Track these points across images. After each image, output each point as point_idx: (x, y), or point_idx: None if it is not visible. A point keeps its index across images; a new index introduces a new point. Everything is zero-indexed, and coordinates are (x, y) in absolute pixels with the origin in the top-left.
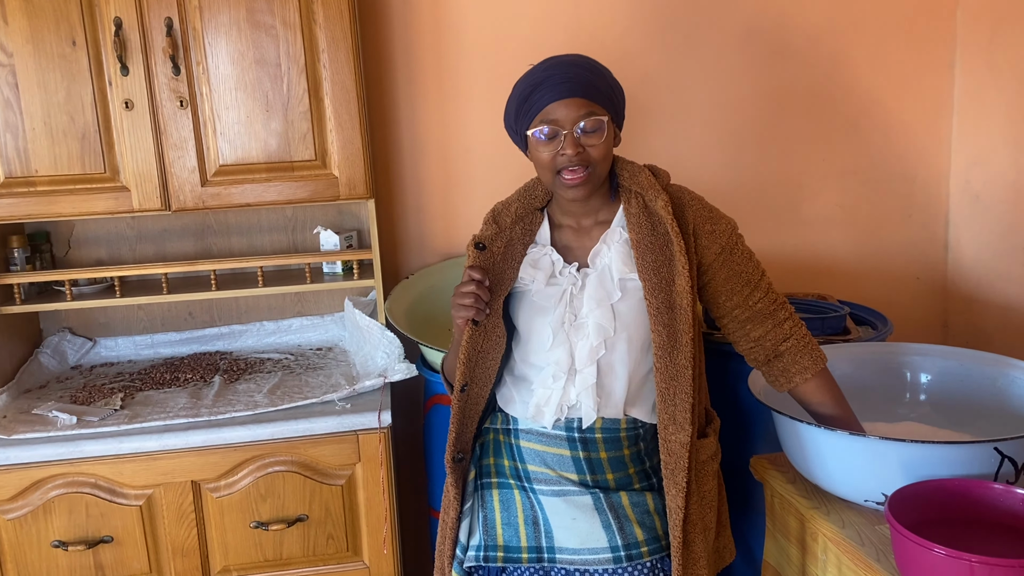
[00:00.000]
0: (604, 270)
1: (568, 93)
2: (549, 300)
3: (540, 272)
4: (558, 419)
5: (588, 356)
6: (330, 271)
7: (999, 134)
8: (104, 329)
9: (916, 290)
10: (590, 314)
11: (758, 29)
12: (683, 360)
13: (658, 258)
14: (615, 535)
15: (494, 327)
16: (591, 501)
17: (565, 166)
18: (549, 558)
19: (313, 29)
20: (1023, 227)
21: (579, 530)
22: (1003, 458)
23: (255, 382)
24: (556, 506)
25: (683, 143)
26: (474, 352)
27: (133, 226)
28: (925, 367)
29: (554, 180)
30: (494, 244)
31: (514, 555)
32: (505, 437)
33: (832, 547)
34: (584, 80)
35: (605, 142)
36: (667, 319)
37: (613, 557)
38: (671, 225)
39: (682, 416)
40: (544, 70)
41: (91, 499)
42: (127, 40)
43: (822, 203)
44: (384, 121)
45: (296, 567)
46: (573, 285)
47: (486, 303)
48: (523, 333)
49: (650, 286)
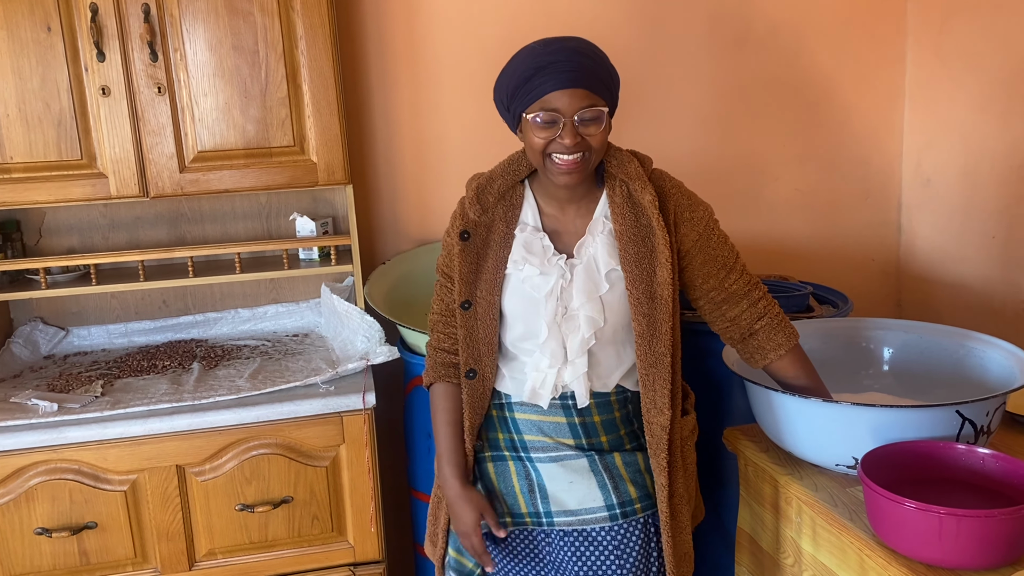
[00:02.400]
0: (590, 261)
1: (571, 83)
2: (540, 291)
3: (534, 257)
4: (553, 397)
5: (580, 347)
6: (306, 257)
7: (948, 121)
8: (77, 318)
9: (871, 271)
10: (581, 308)
11: (722, 18)
12: (662, 348)
13: (640, 249)
14: (610, 494)
15: (487, 310)
16: (587, 464)
17: (558, 151)
18: (548, 521)
19: (291, 16)
20: (972, 210)
21: (577, 492)
22: (964, 420)
23: (235, 368)
24: (553, 471)
25: (649, 129)
26: (471, 337)
27: (106, 214)
28: (887, 340)
29: (545, 164)
30: (478, 229)
31: (519, 520)
32: (499, 412)
33: (807, 509)
34: (587, 69)
35: (603, 132)
36: (647, 309)
37: (609, 515)
38: (656, 219)
39: (661, 401)
40: (549, 54)
41: (74, 485)
42: (103, 26)
43: (782, 187)
44: (358, 108)
45: (282, 548)
46: (563, 278)
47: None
48: (511, 318)
49: (632, 277)
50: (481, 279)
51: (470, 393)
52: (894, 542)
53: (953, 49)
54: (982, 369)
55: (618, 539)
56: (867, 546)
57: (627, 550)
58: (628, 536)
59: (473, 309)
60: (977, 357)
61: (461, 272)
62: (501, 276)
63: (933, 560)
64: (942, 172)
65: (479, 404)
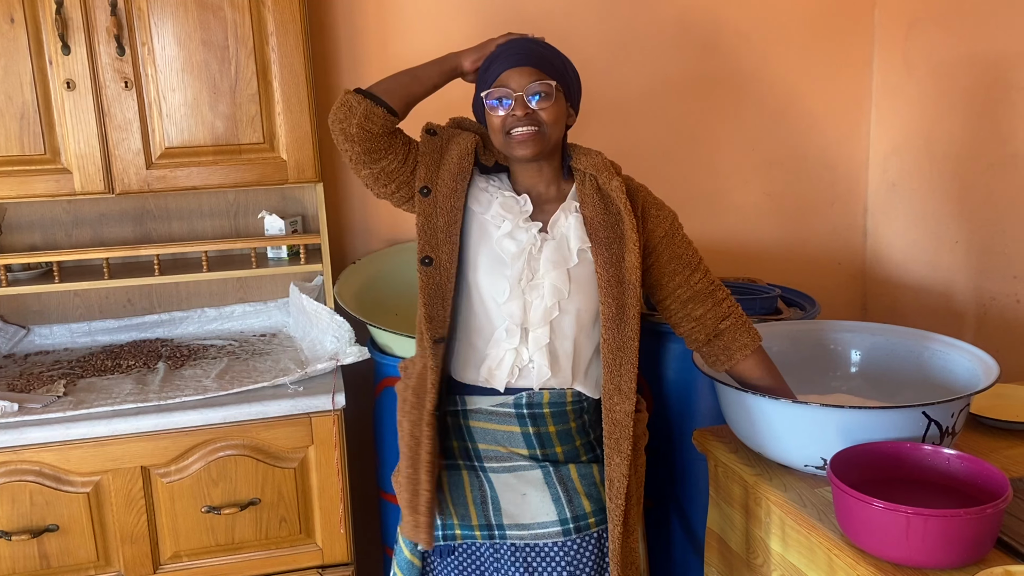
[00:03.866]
0: (562, 239)
1: (521, 62)
2: (508, 253)
3: (510, 215)
4: (509, 381)
5: (542, 316)
6: (275, 256)
7: (913, 126)
8: (38, 317)
9: (838, 274)
10: (547, 275)
11: (691, 23)
12: (630, 332)
13: (610, 235)
14: (564, 508)
15: (448, 197)
16: (541, 475)
17: (514, 126)
18: (500, 534)
19: (262, 11)
20: (936, 214)
21: (530, 505)
22: (930, 422)
23: (201, 368)
24: (507, 482)
25: (618, 132)
26: (429, 225)
27: (69, 211)
28: (855, 343)
29: (504, 141)
30: (443, 132)
31: (468, 532)
32: (454, 419)
33: (776, 510)
34: (536, 53)
35: (554, 106)
36: (616, 292)
37: (562, 530)
38: (624, 204)
39: (627, 386)
40: (503, 46)
41: (35, 487)
42: (69, 18)
43: (751, 191)
44: (329, 104)
45: (249, 551)
46: (533, 245)
47: None
48: (481, 272)
49: (602, 260)
50: (443, 168)
51: (427, 281)
52: (862, 542)
53: (919, 55)
54: (947, 371)
55: (571, 555)
56: (836, 546)
57: (580, 566)
58: (581, 552)
59: (432, 196)
60: (942, 359)
61: (423, 159)
62: (466, 167)
63: (900, 559)
64: (907, 177)
65: (437, 293)
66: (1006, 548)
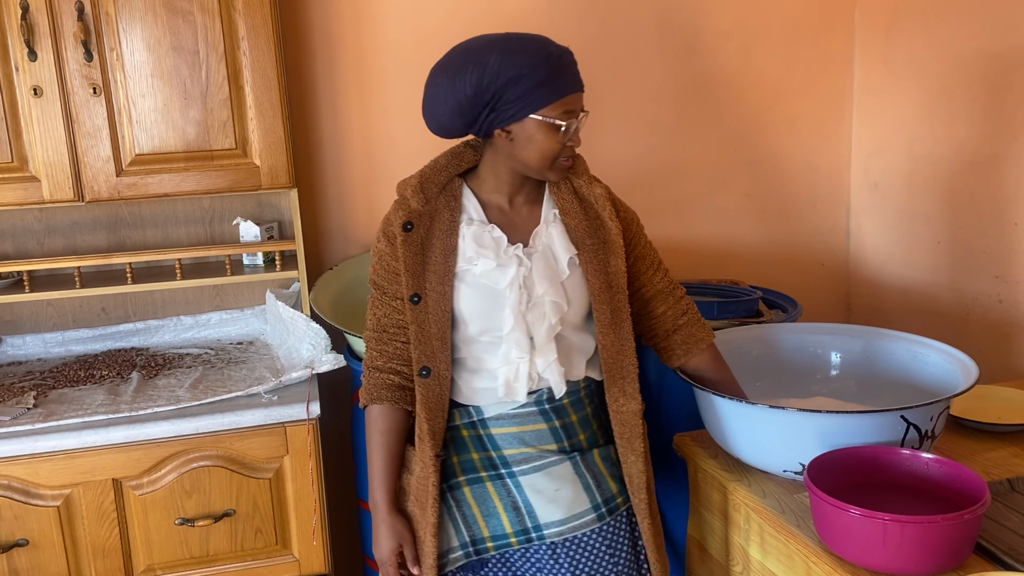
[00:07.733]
0: (546, 250)
1: (582, 85)
2: (500, 283)
3: (487, 251)
4: (531, 390)
5: (547, 334)
6: (251, 263)
7: (895, 126)
8: (10, 327)
9: (821, 275)
10: (545, 294)
11: (672, 23)
12: (626, 334)
13: (593, 240)
14: (595, 494)
15: (438, 301)
16: (571, 468)
17: (568, 155)
18: (538, 536)
19: (232, 15)
20: (918, 214)
21: (564, 499)
22: (908, 426)
23: (175, 377)
24: (538, 483)
25: (599, 132)
26: (423, 333)
27: (41, 219)
28: (835, 345)
29: (548, 166)
30: (421, 219)
31: (503, 541)
32: (471, 431)
33: (754, 516)
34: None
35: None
36: (607, 297)
37: (597, 516)
38: (608, 211)
39: (631, 387)
40: (560, 56)
41: (3, 501)
42: (35, 24)
43: (732, 192)
44: (304, 110)
45: (224, 563)
46: (523, 266)
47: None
48: (467, 315)
49: (592, 268)
50: (429, 270)
51: (425, 393)
52: (840, 548)
53: (899, 56)
54: (927, 374)
55: (608, 539)
56: (813, 553)
57: (618, 547)
58: (616, 533)
59: (423, 303)
60: (922, 362)
61: (407, 264)
62: (451, 265)
63: (878, 566)
64: (889, 177)
65: (437, 405)
66: (985, 554)
